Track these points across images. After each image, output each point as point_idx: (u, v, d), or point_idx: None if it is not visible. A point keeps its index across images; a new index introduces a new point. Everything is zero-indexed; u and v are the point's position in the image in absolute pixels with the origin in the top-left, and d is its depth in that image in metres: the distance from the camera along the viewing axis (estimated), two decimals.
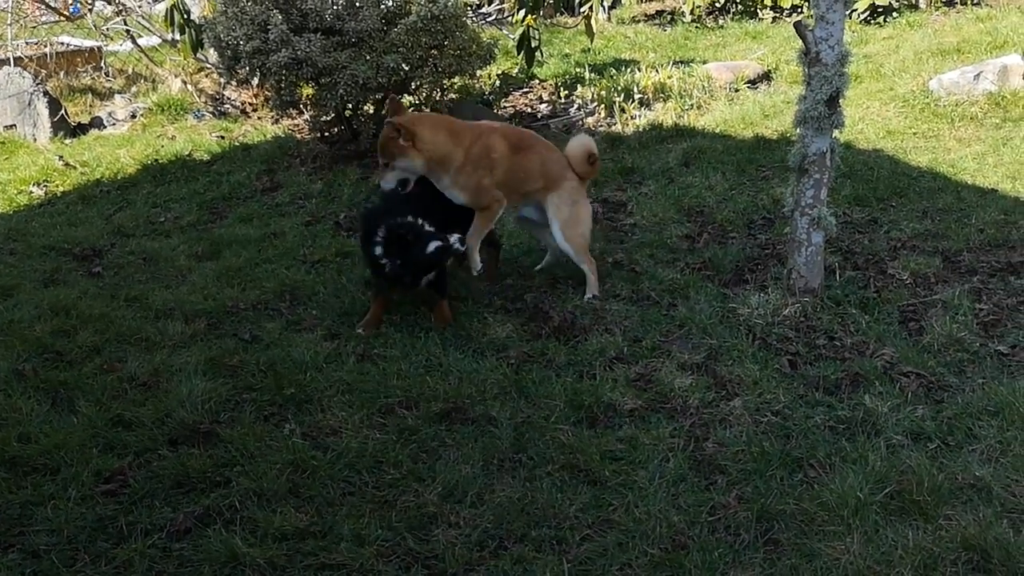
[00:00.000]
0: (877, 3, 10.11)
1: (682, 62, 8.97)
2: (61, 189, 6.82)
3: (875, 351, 4.05)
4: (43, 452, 3.47)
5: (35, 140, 7.90)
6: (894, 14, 10.25)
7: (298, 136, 7.76)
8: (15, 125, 8.07)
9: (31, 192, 6.78)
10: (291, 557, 2.93)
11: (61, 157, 7.31)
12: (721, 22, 11.06)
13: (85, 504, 3.20)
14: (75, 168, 7.14)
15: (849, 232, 5.34)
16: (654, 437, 3.53)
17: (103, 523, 3.11)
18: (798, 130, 4.39)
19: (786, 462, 3.30)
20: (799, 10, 10.68)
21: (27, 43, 9.18)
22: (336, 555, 2.93)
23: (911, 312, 4.41)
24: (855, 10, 10.08)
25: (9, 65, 8.42)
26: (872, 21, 10.17)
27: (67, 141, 7.87)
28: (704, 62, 8.97)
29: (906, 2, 10.61)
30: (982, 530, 2.84)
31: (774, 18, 10.86)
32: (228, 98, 8.63)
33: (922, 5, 10.63)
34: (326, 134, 7.52)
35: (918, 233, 5.27)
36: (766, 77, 8.57)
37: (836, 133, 4.33)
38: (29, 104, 7.99)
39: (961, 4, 10.52)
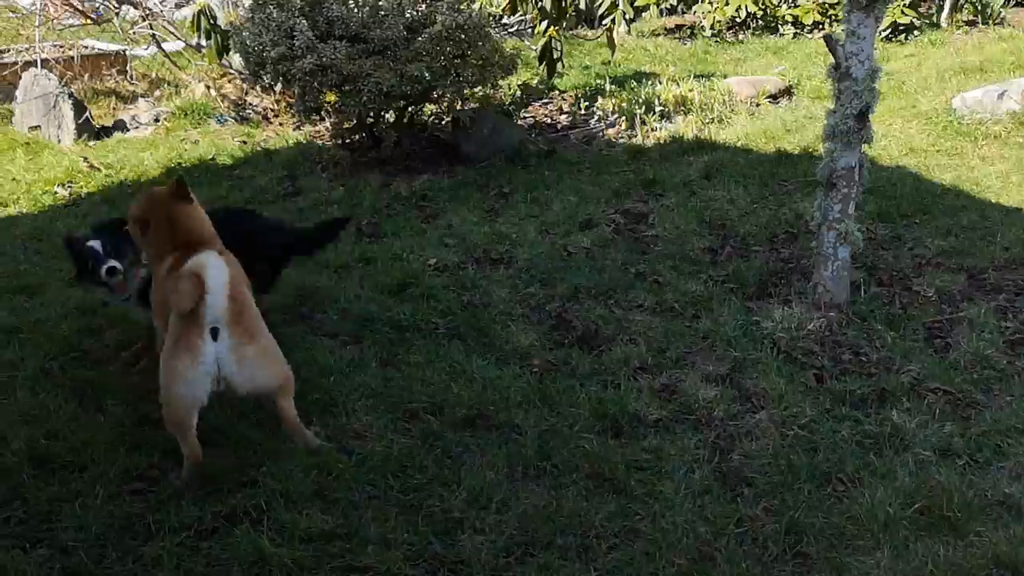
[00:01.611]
0: (899, 21, 10.13)
1: (703, 76, 8.98)
2: (86, 190, 6.85)
3: (901, 367, 4.04)
4: (71, 450, 3.49)
5: (59, 141, 7.95)
6: (915, 32, 10.27)
7: (319, 142, 7.79)
8: (40, 126, 8.12)
9: (56, 192, 6.82)
10: (318, 559, 2.93)
11: (86, 159, 7.35)
12: (741, 37, 11.08)
13: (112, 502, 3.22)
14: (99, 170, 7.18)
15: (873, 248, 5.32)
16: (679, 448, 3.53)
17: (131, 521, 3.13)
18: (826, 144, 4.40)
19: (814, 476, 3.29)
20: (820, 27, 10.69)
21: (53, 45, 9.25)
22: (363, 558, 2.94)
23: (937, 329, 4.40)
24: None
25: (36, 67, 8.48)
26: (893, 39, 10.18)
27: (91, 143, 7.91)
28: (725, 76, 8.98)
29: (927, 21, 10.63)
30: (1013, 547, 2.83)
31: (795, 34, 10.88)
32: (250, 104, 8.68)
33: (944, 24, 10.65)
34: (347, 141, 7.55)
35: (943, 250, 5.26)
36: (787, 92, 8.58)
37: (865, 147, 4.34)
38: (54, 106, 8.04)
39: (983, 24, 10.53)
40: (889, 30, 10.14)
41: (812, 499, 3.17)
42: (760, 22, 11.19)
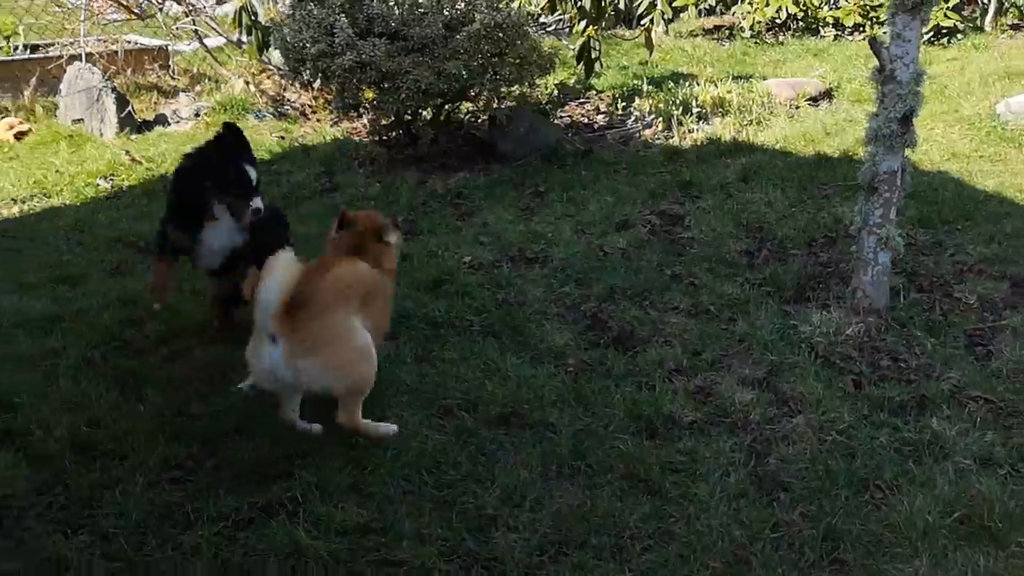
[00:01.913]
0: (942, 25, 9.99)
1: (741, 77, 8.93)
2: (127, 183, 6.95)
3: (941, 374, 3.98)
4: (112, 438, 3.55)
5: (102, 135, 8.06)
6: (959, 36, 10.13)
7: (356, 139, 7.84)
8: (83, 119, 8.24)
9: (98, 185, 6.92)
10: (354, 552, 2.96)
11: (127, 152, 7.46)
12: (781, 38, 10.99)
13: (152, 490, 3.27)
14: (140, 163, 7.28)
15: (913, 254, 5.25)
16: (715, 451, 3.51)
17: (170, 509, 3.17)
18: (869, 148, 4.35)
19: (851, 482, 3.26)
20: (861, 29, 10.58)
21: (97, 40, 9.38)
22: (398, 552, 2.95)
23: (978, 337, 4.33)
24: None
25: (80, 61, 8.62)
26: (936, 42, 10.05)
27: (133, 137, 8.02)
28: (764, 78, 8.92)
29: (971, 24, 10.48)
30: None
31: (836, 36, 10.77)
32: (288, 100, 8.75)
33: (988, 28, 10.50)
34: (384, 138, 7.59)
35: (985, 257, 5.18)
36: (828, 95, 8.50)
37: (908, 152, 4.28)
38: (97, 99, 8.16)
39: None
40: (932, 33, 10.00)
41: (850, 505, 3.14)
42: (800, 23, 11.09)
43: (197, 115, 8.50)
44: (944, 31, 10.07)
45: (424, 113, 7.40)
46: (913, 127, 4.25)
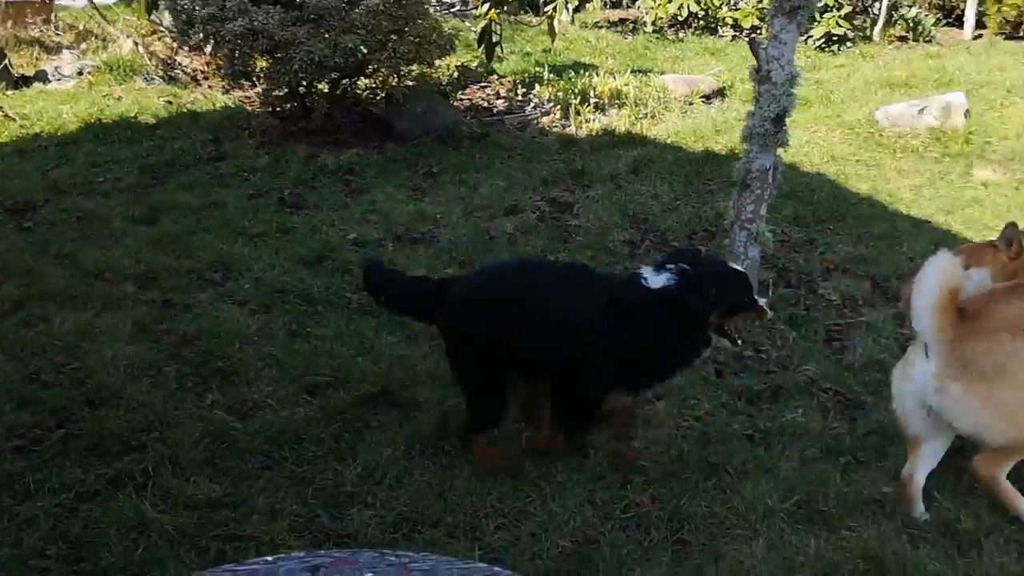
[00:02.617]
0: (833, 32, 10.36)
1: (640, 71, 9.06)
2: None
3: (799, 366, 4.14)
4: None
5: None
6: (848, 44, 10.52)
7: (248, 108, 7.65)
8: None
9: None
10: (201, 526, 2.90)
11: (1, 108, 7.11)
12: (682, 36, 11.21)
13: None
14: (14, 120, 6.94)
15: (786, 251, 5.45)
16: None
17: (10, 479, 3.06)
18: (744, 145, 4.47)
19: (703, 466, 3.36)
20: (759, 31, 10.87)
21: None
22: (247, 527, 2.91)
23: (836, 332, 4.52)
24: (811, 36, 10.31)
25: None
26: (826, 49, 10.41)
27: (8, 92, 7.65)
28: (662, 73, 9.08)
29: (861, 34, 10.89)
30: (882, 543, 2.93)
31: (734, 36, 11.05)
32: (180, 64, 8.47)
33: (876, 38, 10.92)
34: (277, 109, 7.43)
35: (851, 257, 5.40)
36: (721, 93, 8.71)
37: (780, 151, 4.42)
38: None
39: (913, 40, 10.84)
40: (823, 40, 10.37)
41: (698, 489, 3.23)
42: (701, 22, 11.33)
43: (80, 73, 8.15)
44: (835, 38, 10.45)
45: (320, 86, 7.27)
46: (786, 127, 4.38)
